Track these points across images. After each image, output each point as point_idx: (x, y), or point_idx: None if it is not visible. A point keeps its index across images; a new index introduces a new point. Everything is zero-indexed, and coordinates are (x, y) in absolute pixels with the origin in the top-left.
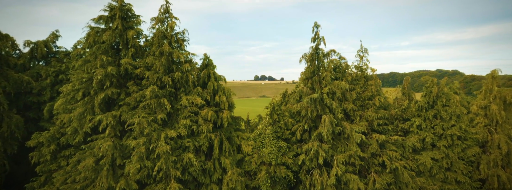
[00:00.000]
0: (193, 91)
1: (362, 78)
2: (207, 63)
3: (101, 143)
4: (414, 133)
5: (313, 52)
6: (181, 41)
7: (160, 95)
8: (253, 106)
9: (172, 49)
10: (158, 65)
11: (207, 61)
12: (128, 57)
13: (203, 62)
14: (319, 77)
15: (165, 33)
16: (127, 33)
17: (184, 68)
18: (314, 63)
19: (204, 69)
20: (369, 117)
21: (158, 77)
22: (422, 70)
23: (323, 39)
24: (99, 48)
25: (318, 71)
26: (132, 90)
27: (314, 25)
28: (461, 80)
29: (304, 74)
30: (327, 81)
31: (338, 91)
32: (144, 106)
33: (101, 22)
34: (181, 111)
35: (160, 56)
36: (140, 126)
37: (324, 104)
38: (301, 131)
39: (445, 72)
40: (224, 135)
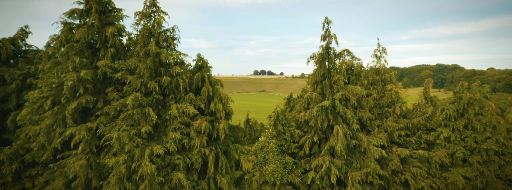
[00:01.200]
0: (184, 99)
1: (380, 82)
2: (201, 65)
3: (73, 161)
4: (441, 146)
5: (323, 52)
6: (170, 39)
7: (145, 103)
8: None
9: (160, 49)
10: (143, 68)
11: (201, 62)
12: (107, 59)
13: (196, 63)
14: (330, 81)
15: (152, 30)
16: (105, 30)
17: (174, 72)
18: (324, 65)
19: (198, 72)
20: (389, 127)
21: (142, 83)
22: (422, 65)
23: (335, 37)
24: (71, 48)
25: (329, 74)
26: (112, 97)
27: (324, 20)
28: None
29: (313, 78)
30: (340, 85)
31: (353, 98)
32: (125, 117)
33: (75, 17)
34: (170, 122)
35: (146, 58)
36: (120, 141)
37: (336, 112)
38: (310, 144)
39: (445, 67)
40: (221, 149)
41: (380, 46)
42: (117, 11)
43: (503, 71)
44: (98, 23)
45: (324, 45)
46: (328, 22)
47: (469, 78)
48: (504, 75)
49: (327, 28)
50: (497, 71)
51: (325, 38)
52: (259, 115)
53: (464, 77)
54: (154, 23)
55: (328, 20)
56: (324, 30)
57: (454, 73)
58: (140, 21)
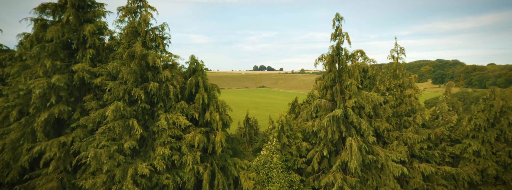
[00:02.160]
0: (175, 107)
1: (398, 88)
2: (195, 68)
3: (43, 183)
4: (469, 161)
5: (333, 53)
6: (159, 39)
7: (128, 114)
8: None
9: (147, 51)
10: (126, 73)
11: (194, 65)
12: (86, 62)
13: (190, 66)
14: (341, 85)
15: (138, 28)
16: (83, 28)
17: (163, 76)
18: (334, 68)
19: (191, 76)
20: (409, 139)
21: (125, 90)
22: (422, 60)
23: (347, 36)
24: (43, 49)
25: (340, 78)
26: (91, 107)
27: (335, 17)
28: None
29: (321, 82)
30: (353, 91)
31: (368, 106)
32: (105, 130)
33: (49, 13)
34: (158, 134)
35: (130, 60)
36: (97, 160)
37: (349, 122)
38: (319, 158)
39: (445, 62)
40: (217, 165)
41: (398, 46)
42: (97, 6)
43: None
44: (75, 20)
45: (335, 46)
46: (339, 19)
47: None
48: (504, 71)
49: (338, 26)
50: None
51: (336, 38)
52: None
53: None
54: (140, 20)
55: (339, 17)
56: (334, 28)
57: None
58: (124, 18)
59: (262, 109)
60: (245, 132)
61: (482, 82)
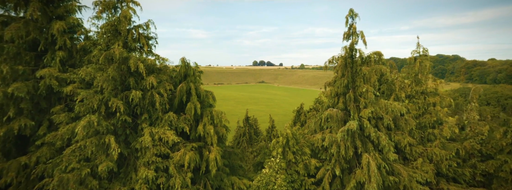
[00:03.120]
0: (162, 120)
1: (421, 95)
2: (186, 72)
3: None
4: (505, 181)
5: (346, 55)
6: (143, 39)
7: (104, 129)
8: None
9: (128, 53)
10: (102, 80)
11: (185, 69)
12: (55, 66)
13: (180, 71)
14: (355, 92)
15: (118, 26)
16: (51, 26)
17: (148, 84)
18: (348, 72)
19: (182, 82)
20: (435, 155)
21: (101, 100)
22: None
23: (362, 35)
24: (1, 51)
25: (353, 84)
26: (60, 120)
27: (348, 14)
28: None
29: (333, 89)
30: (369, 99)
31: (387, 117)
32: (74, 150)
33: (11, 7)
34: (142, 153)
35: (107, 65)
36: (64, 187)
37: (365, 136)
38: (330, 178)
39: (445, 58)
40: (212, 186)
41: (420, 46)
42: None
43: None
44: (42, 16)
45: (348, 46)
46: (354, 16)
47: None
48: (505, 66)
49: (351, 24)
50: (498, 62)
51: (349, 37)
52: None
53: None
54: (120, 16)
55: (353, 14)
56: (347, 26)
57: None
58: (101, 14)
59: (262, 105)
60: (245, 131)
61: (483, 78)
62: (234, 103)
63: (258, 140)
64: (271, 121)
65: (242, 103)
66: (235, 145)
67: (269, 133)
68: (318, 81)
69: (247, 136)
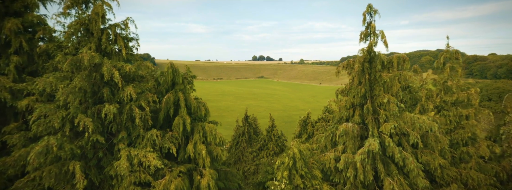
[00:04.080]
0: (143, 138)
1: (452, 107)
2: (173, 80)
3: None
4: None
5: (364, 59)
6: (121, 41)
7: (67, 154)
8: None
9: (102, 59)
10: (65, 93)
11: (173, 76)
12: (9, 74)
13: (167, 78)
14: (373, 102)
15: (90, 25)
16: (4, 25)
17: (126, 95)
18: (365, 79)
19: (169, 91)
20: (472, 180)
21: (66, 117)
22: (422, 50)
23: (383, 35)
24: None
25: (371, 93)
26: (14, 142)
27: (366, 10)
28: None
29: (348, 99)
30: (391, 112)
31: (414, 134)
32: (28, 182)
33: None
34: (117, 180)
35: (75, 73)
36: None
37: (388, 156)
38: None
39: None
40: None
41: (449, 47)
42: None
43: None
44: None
45: (366, 49)
46: (372, 13)
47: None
48: (506, 61)
49: (369, 22)
50: (499, 57)
51: (367, 38)
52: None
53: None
54: (92, 13)
55: (372, 9)
56: (365, 24)
57: None
58: (68, 10)
59: (261, 100)
60: (244, 131)
61: (483, 73)
62: (233, 98)
63: (258, 139)
64: (271, 120)
65: (241, 98)
66: (234, 145)
67: (269, 132)
68: (318, 76)
69: (246, 136)
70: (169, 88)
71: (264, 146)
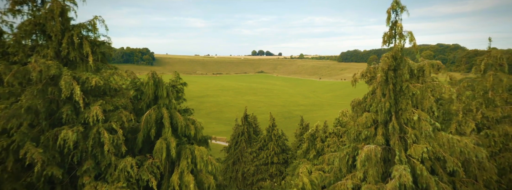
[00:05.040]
0: (115, 168)
1: (496, 126)
2: (156, 93)
3: None
4: None
5: (386, 67)
6: (88, 46)
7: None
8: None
9: (60, 70)
10: (8, 115)
11: (155, 88)
12: None
13: (147, 92)
14: (399, 118)
15: (46, 26)
16: None
17: (91, 116)
18: (389, 90)
19: (150, 107)
20: None
21: (6, 148)
22: (423, 45)
23: (412, 37)
24: None
25: (396, 107)
26: None
27: (391, 7)
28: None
29: (369, 116)
30: (423, 132)
31: (452, 160)
32: None
33: None
34: None
35: (21, 88)
36: None
37: (420, 187)
38: None
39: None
40: None
41: (490, 50)
42: None
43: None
44: None
45: (392, 54)
46: (399, 11)
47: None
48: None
49: (395, 21)
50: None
51: (391, 40)
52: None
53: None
54: (48, 11)
55: (399, 6)
56: (389, 24)
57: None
58: (17, 6)
59: (261, 95)
60: (243, 130)
61: None
62: (233, 93)
63: (258, 139)
64: (271, 119)
65: (241, 93)
66: (233, 145)
67: (269, 132)
68: (318, 71)
69: (245, 135)
70: (150, 103)
71: (264, 146)
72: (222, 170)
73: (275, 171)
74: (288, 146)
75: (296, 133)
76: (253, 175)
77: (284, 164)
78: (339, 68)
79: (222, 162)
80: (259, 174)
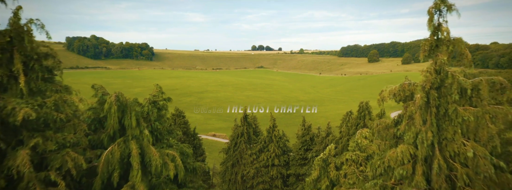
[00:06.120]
0: None
1: None
2: (122, 121)
3: None
4: None
5: (428, 85)
6: (18, 61)
7: None
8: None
9: None
10: None
11: (122, 116)
12: None
13: (109, 122)
14: (443, 151)
15: None
16: None
17: (16, 168)
18: (431, 114)
19: (113, 143)
20: None
21: None
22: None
23: (460, 45)
24: None
25: (440, 137)
26: None
27: (434, 6)
28: None
29: (404, 149)
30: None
31: None
32: None
33: None
34: None
35: None
36: None
37: None
38: None
39: None
40: None
41: None
42: None
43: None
44: None
45: (435, 68)
46: (445, 9)
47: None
48: (508, 50)
49: (438, 24)
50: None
51: (434, 49)
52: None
53: None
54: None
55: (445, 3)
56: (431, 28)
57: None
58: None
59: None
60: (243, 131)
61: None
62: (233, 89)
63: (258, 140)
64: (272, 119)
65: (240, 89)
66: (232, 146)
67: (270, 133)
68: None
69: (245, 136)
70: (115, 134)
71: (265, 147)
72: (220, 172)
73: (276, 174)
74: (290, 148)
75: (297, 134)
76: (253, 178)
77: (285, 166)
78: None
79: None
80: (259, 177)
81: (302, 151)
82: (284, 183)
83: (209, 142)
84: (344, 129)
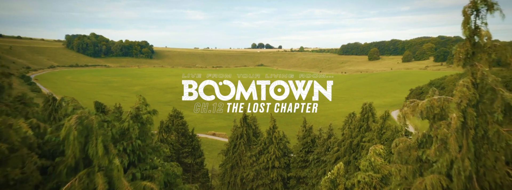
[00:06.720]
0: None
1: None
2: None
3: None
4: None
5: (465, 102)
6: None
7: None
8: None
9: None
10: None
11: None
12: None
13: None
14: (480, 181)
15: None
16: None
17: None
18: (469, 145)
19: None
20: None
21: None
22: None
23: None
24: None
25: (477, 164)
26: None
27: (469, 5)
28: None
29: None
30: None
31: None
32: None
33: None
34: None
35: None
36: None
37: None
38: None
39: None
40: None
41: None
42: None
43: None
44: None
45: (472, 80)
46: (484, 9)
47: None
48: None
49: (475, 28)
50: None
51: (469, 59)
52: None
53: None
54: None
55: (487, 2)
56: (466, 32)
57: None
58: None
59: None
60: (242, 132)
61: None
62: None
63: (258, 142)
64: (272, 120)
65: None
66: (231, 148)
67: (270, 134)
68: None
69: (245, 138)
70: (77, 166)
71: (265, 149)
72: (219, 174)
73: (276, 176)
74: (290, 149)
75: (298, 135)
76: (253, 180)
77: (286, 168)
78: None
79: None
80: (259, 180)
81: (303, 153)
82: (284, 186)
83: (208, 141)
84: (347, 131)
